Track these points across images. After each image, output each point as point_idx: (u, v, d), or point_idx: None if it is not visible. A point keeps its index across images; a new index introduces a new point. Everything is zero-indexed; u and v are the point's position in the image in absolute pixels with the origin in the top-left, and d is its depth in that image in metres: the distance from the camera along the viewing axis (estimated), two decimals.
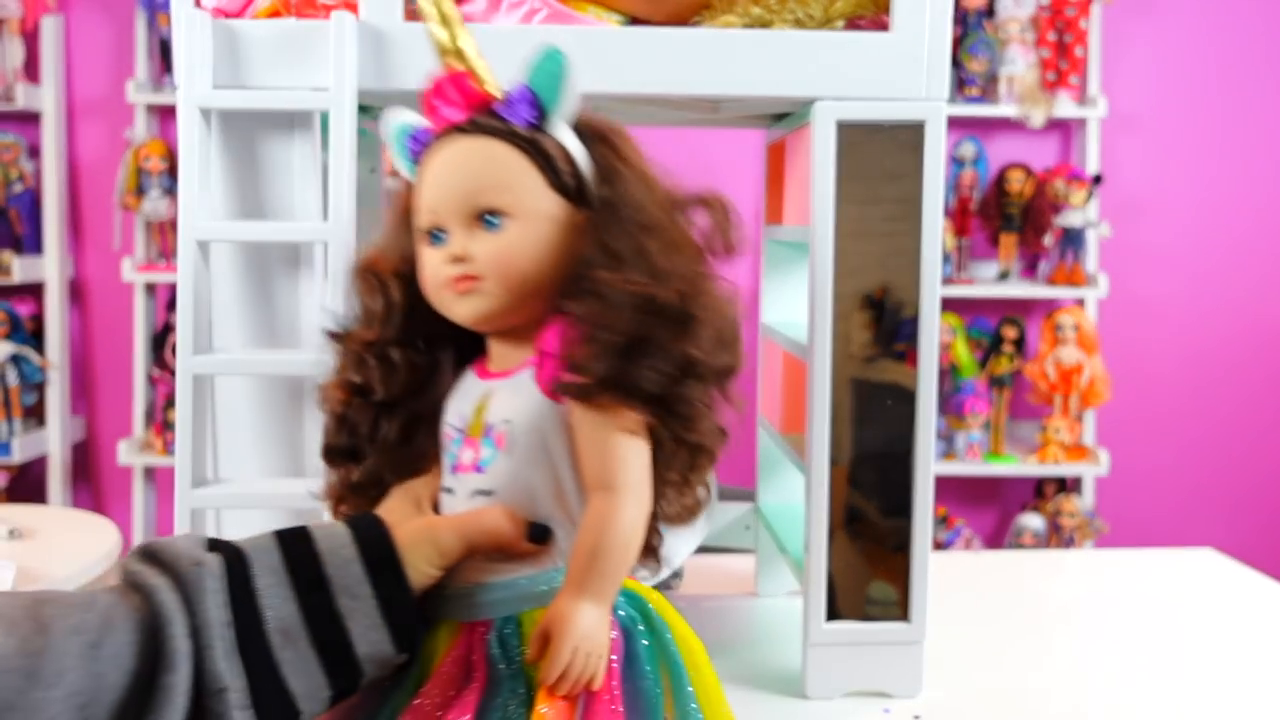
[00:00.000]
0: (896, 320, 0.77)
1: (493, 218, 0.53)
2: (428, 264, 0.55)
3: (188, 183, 0.70)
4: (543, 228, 0.54)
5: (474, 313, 0.54)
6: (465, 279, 0.53)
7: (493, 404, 0.54)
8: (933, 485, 0.78)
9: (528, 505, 0.53)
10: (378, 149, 0.99)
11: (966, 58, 2.35)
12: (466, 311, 0.54)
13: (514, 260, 0.53)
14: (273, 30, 0.71)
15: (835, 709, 0.79)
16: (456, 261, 0.53)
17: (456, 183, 0.54)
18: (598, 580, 0.50)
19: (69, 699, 0.40)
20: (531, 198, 0.54)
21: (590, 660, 0.49)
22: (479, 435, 0.54)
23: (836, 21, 0.77)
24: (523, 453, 0.53)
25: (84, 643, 0.40)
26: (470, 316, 0.54)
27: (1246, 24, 2.50)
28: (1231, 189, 2.53)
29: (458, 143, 0.55)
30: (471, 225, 0.53)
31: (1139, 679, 0.85)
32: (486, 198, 0.53)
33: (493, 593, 0.52)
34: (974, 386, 2.40)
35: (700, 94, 0.76)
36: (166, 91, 2.35)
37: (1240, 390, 2.56)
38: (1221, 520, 2.57)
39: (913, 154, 0.76)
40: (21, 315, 2.34)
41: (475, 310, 0.54)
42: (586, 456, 0.52)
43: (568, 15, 0.76)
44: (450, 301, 0.54)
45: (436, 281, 0.54)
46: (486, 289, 0.53)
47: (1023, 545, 2.35)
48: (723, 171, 2.70)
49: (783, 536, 0.94)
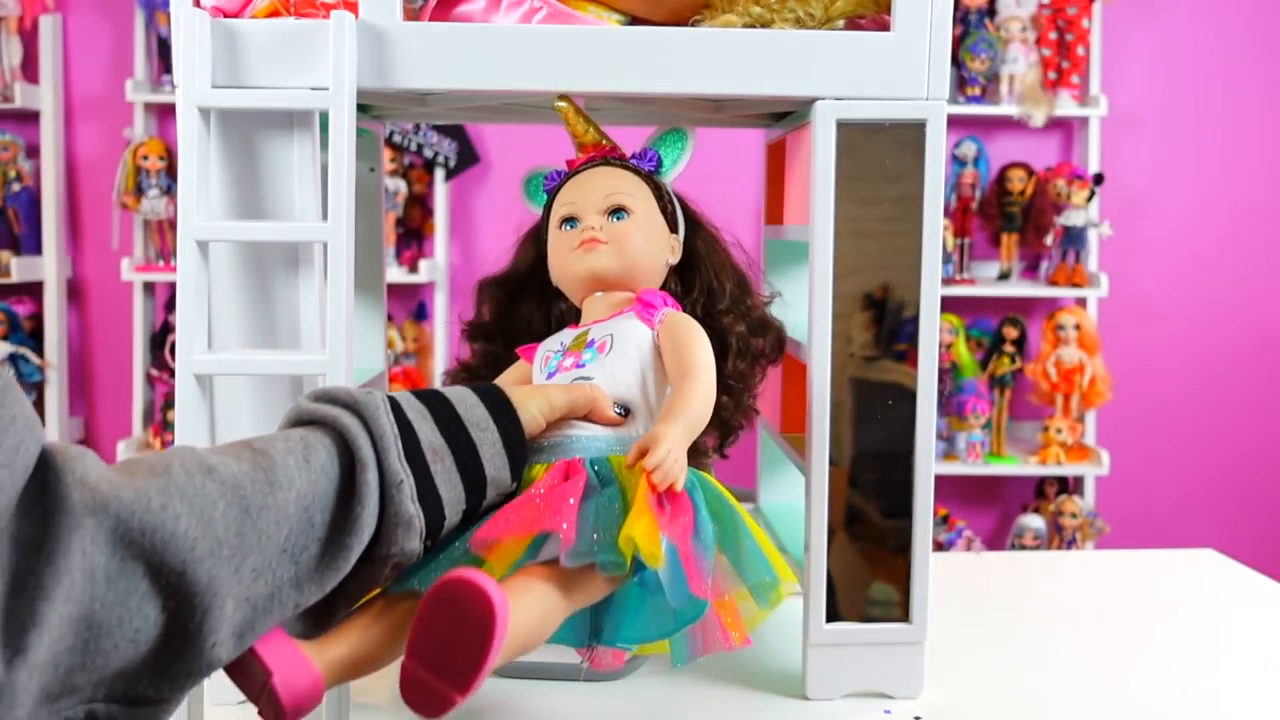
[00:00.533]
0: (897, 320, 0.77)
1: (619, 213, 0.75)
2: (561, 240, 0.76)
3: (187, 182, 0.69)
4: (648, 229, 0.76)
5: (592, 266, 0.74)
6: (592, 240, 0.74)
7: (593, 332, 0.72)
8: (933, 486, 0.78)
9: (616, 392, 0.69)
10: (377, 149, 0.99)
11: (967, 57, 2.35)
12: (588, 264, 0.74)
13: (629, 240, 0.74)
14: (272, 30, 0.71)
15: (836, 710, 0.79)
16: (589, 230, 0.74)
17: (596, 188, 0.76)
18: (684, 421, 0.63)
19: (298, 500, 0.49)
20: (645, 207, 0.76)
21: (676, 466, 0.60)
22: (580, 349, 0.72)
23: (837, 21, 0.76)
24: (618, 354, 0.70)
25: (298, 458, 0.50)
26: (589, 269, 0.74)
27: (1247, 24, 2.50)
28: (1232, 188, 2.53)
29: (598, 168, 0.77)
30: (603, 216, 0.75)
31: (1140, 679, 0.85)
32: (616, 199, 0.75)
33: (585, 440, 0.67)
34: (975, 386, 2.39)
35: (700, 94, 0.76)
36: (165, 91, 2.35)
37: (1241, 390, 2.56)
38: (1221, 520, 2.57)
39: (913, 154, 0.75)
40: (20, 315, 2.34)
41: (594, 265, 0.74)
42: (671, 358, 0.70)
43: (568, 15, 0.76)
44: (577, 259, 0.74)
45: (568, 247, 0.75)
46: (606, 251, 0.73)
47: (1024, 546, 2.35)
48: (723, 171, 2.73)
49: (783, 537, 0.94)
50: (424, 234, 2.48)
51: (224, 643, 0.46)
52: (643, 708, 0.79)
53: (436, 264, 2.41)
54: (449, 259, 2.46)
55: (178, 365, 0.69)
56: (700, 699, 0.81)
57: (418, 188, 2.46)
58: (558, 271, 0.77)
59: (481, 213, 2.48)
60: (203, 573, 0.44)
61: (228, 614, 0.45)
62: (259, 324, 0.74)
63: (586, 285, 0.75)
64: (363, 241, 0.93)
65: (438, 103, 0.84)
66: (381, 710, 0.78)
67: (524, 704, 0.80)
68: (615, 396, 0.69)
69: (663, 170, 0.79)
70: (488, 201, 2.48)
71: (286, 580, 0.49)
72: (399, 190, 2.39)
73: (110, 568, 0.41)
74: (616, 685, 0.83)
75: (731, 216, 0.89)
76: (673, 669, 0.72)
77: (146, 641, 0.43)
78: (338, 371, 0.69)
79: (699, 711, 0.79)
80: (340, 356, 0.69)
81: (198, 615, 0.44)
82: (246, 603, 0.47)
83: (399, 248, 2.44)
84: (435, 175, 2.43)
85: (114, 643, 0.41)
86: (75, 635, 0.40)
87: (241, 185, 0.73)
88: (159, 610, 0.43)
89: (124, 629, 0.41)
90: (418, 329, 2.47)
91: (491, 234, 2.46)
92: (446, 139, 2.39)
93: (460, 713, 0.78)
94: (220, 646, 0.45)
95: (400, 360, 2.41)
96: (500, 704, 0.80)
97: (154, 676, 0.44)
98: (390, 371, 2.32)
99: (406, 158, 2.43)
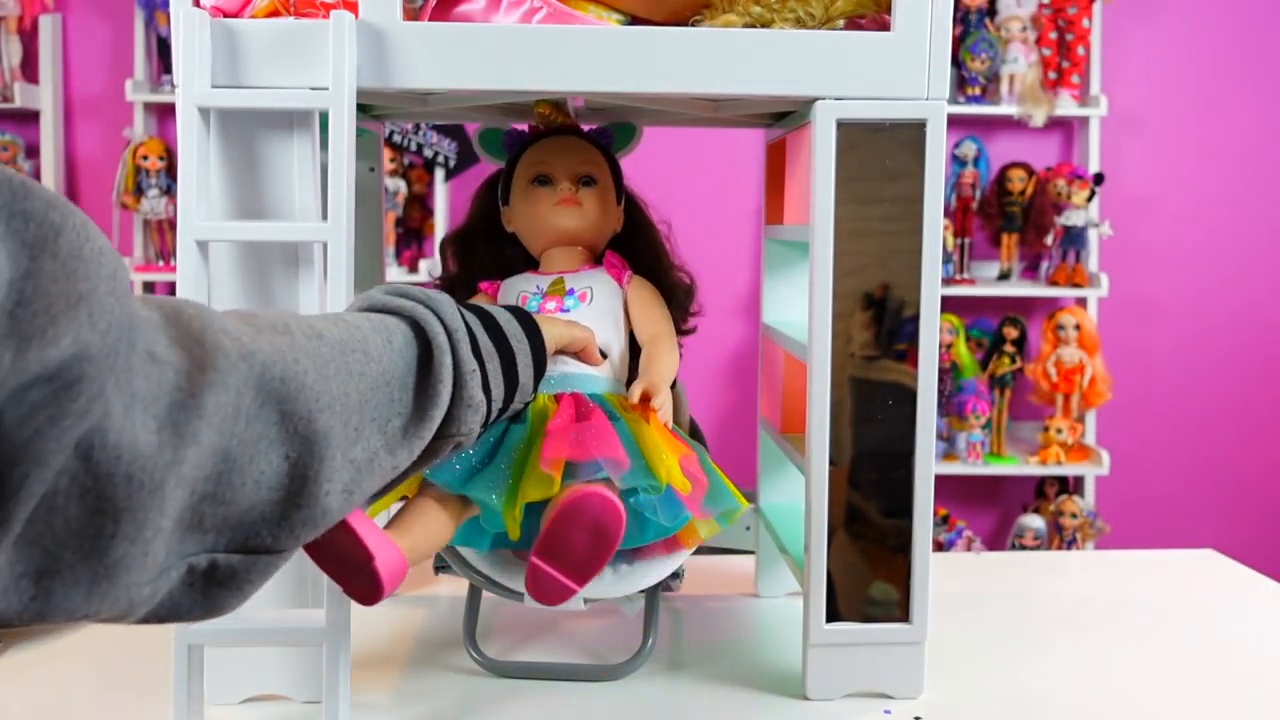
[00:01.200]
0: (897, 320, 0.77)
1: (589, 181, 0.86)
2: (537, 195, 0.85)
3: (187, 182, 0.69)
4: (607, 198, 0.87)
5: (574, 224, 0.84)
6: (571, 199, 0.84)
7: (569, 281, 0.83)
8: (933, 486, 0.78)
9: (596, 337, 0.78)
10: (377, 149, 0.99)
11: (968, 57, 2.35)
12: (569, 221, 0.84)
13: (597, 205, 0.86)
14: (271, 29, 0.71)
15: (836, 710, 0.79)
16: (567, 190, 0.84)
17: (570, 154, 0.86)
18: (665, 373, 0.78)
19: (382, 375, 0.53)
20: (606, 178, 0.87)
21: (668, 407, 0.77)
22: (561, 294, 0.82)
23: (837, 21, 0.76)
24: (597, 306, 0.81)
25: (382, 338, 0.54)
26: (568, 226, 0.84)
27: (1247, 24, 2.50)
28: (1233, 188, 2.53)
29: (568, 137, 0.87)
30: (574, 180, 0.85)
31: (1140, 679, 0.85)
32: (587, 168, 0.86)
33: (583, 378, 0.78)
34: (975, 386, 2.39)
35: (700, 94, 0.76)
36: (165, 90, 2.35)
37: (1241, 390, 2.56)
38: (1221, 520, 2.57)
39: (913, 153, 0.75)
40: None
41: (571, 223, 0.84)
42: (640, 318, 0.83)
43: (568, 14, 0.76)
44: (557, 215, 0.84)
45: (547, 203, 0.84)
46: (580, 212, 0.84)
47: (1024, 546, 2.35)
48: (723, 171, 2.71)
49: (783, 537, 0.94)
50: (424, 234, 2.48)
51: (335, 494, 0.49)
52: (643, 708, 0.79)
53: (436, 264, 2.41)
54: None
55: None
56: (700, 699, 0.81)
57: (418, 188, 2.46)
58: (531, 223, 0.85)
59: None
60: (322, 424, 0.47)
61: (338, 467, 0.48)
62: None
63: (560, 239, 0.85)
64: (363, 241, 0.93)
65: (438, 103, 0.84)
66: (382, 710, 0.78)
67: (525, 703, 0.80)
68: (601, 338, 0.80)
69: (615, 147, 0.90)
70: None
71: (379, 446, 0.52)
72: (399, 190, 2.39)
73: (250, 409, 0.44)
74: (616, 685, 0.83)
75: (731, 216, 0.88)
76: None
77: (269, 486, 0.45)
78: None
79: (699, 711, 0.79)
80: None
81: (315, 463, 0.47)
82: (350, 463, 0.50)
83: (399, 248, 2.44)
84: (435, 175, 2.43)
85: (243, 480, 0.43)
86: (213, 465, 0.42)
87: (241, 185, 0.73)
88: (282, 457, 0.45)
89: (252, 469, 0.44)
90: None
91: None
92: (446, 139, 2.39)
93: (463, 712, 0.78)
94: (332, 497, 0.48)
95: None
96: (501, 704, 0.80)
97: (273, 525, 0.46)
98: None
99: (406, 158, 2.43)
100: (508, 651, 0.88)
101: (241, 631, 0.70)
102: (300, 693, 0.77)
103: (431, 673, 0.85)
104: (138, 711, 0.78)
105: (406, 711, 0.79)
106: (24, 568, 0.36)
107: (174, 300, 0.45)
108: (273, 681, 0.78)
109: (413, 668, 0.86)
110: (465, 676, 0.84)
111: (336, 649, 0.70)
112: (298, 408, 0.46)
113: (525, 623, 0.95)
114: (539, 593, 0.67)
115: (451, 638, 0.91)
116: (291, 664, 0.77)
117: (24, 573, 0.36)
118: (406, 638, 0.92)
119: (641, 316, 0.83)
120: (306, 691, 0.77)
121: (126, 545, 0.38)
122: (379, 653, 0.89)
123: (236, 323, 0.46)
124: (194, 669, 0.69)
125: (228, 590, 0.46)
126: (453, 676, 0.84)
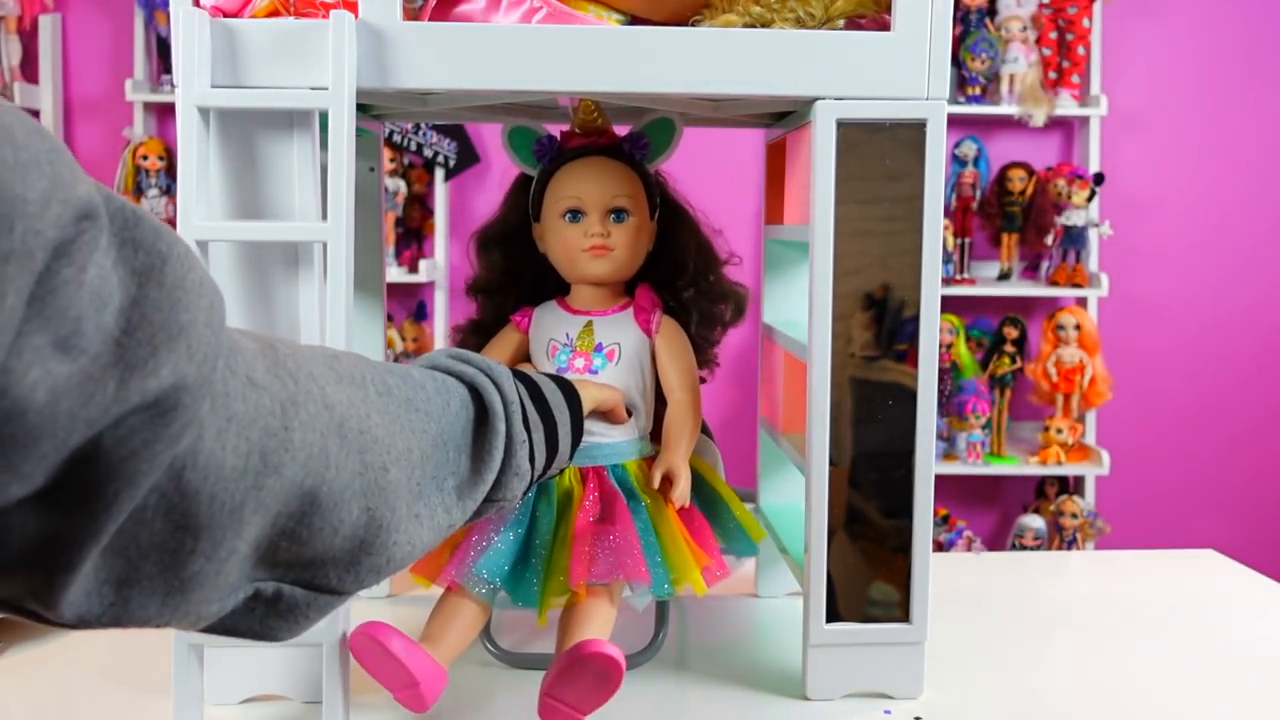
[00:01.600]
0: (897, 320, 0.77)
1: (621, 214, 0.82)
2: (568, 235, 0.82)
3: (186, 182, 0.69)
4: (641, 230, 0.84)
5: (604, 271, 0.83)
6: (601, 248, 0.82)
7: (597, 330, 0.83)
8: (933, 486, 0.78)
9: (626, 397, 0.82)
10: (377, 148, 0.99)
11: (968, 56, 2.35)
12: (599, 269, 0.83)
13: (629, 244, 0.83)
14: (271, 29, 0.71)
15: (836, 710, 0.79)
16: (598, 236, 0.81)
17: (602, 185, 0.82)
18: (686, 444, 0.83)
19: (439, 435, 0.55)
20: (640, 207, 0.84)
21: (688, 491, 0.80)
22: (590, 350, 0.83)
23: (837, 21, 0.76)
24: (625, 364, 0.82)
25: (442, 400, 0.56)
26: (601, 273, 0.83)
27: (1247, 24, 2.50)
28: (1233, 188, 2.52)
29: (598, 157, 0.83)
30: (605, 214, 0.82)
31: (1140, 680, 0.85)
32: (620, 200, 0.82)
33: (606, 447, 0.81)
34: (975, 387, 2.39)
35: (700, 94, 0.75)
36: (165, 90, 2.35)
37: (1242, 390, 2.56)
38: (1221, 520, 2.57)
39: (913, 153, 0.75)
40: None
41: (605, 269, 0.83)
42: (669, 371, 0.84)
43: (568, 14, 0.76)
44: (586, 261, 0.82)
45: (578, 247, 0.82)
46: (615, 257, 0.82)
47: (1024, 546, 2.35)
48: (723, 171, 2.72)
49: (783, 537, 0.94)
50: (424, 234, 2.48)
51: (401, 545, 0.50)
52: (643, 707, 0.79)
53: (436, 264, 2.41)
54: (449, 259, 2.46)
55: None
56: (700, 699, 0.81)
57: (417, 187, 2.46)
58: (563, 261, 0.84)
59: (481, 212, 2.48)
60: (394, 476, 0.49)
61: (404, 519, 0.50)
62: (259, 324, 0.74)
63: (589, 283, 0.84)
64: (362, 241, 0.93)
65: (438, 103, 0.84)
66: (381, 710, 0.78)
67: (526, 697, 0.80)
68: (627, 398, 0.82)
69: (649, 157, 0.86)
70: (488, 201, 2.47)
71: (438, 503, 0.54)
72: (399, 190, 2.39)
73: (337, 457, 0.45)
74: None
75: (731, 216, 0.89)
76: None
77: (345, 535, 0.46)
78: None
79: (699, 711, 0.79)
80: None
81: (389, 514, 0.49)
82: (415, 518, 0.52)
83: (399, 248, 2.44)
84: (435, 175, 2.43)
85: (323, 524, 0.45)
86: (298, 504, 0.43)
87: (241, 185, 0.73)
88: (363, 508, 0.47)
89: (333, 515, 0.45)
90: (417, 329, 2.47)
91: None
92: (446, 139, 2.39)
93: (471, 706, 0.78)
94: (399, 547, 0.50)
95: (400, 360, 2.41)
96: (507, 697, 0.80)
97: (341, 568, 0.48)
98: None
99: (406, 157, 2.43)
100: (520, 644, 0.88)
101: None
102: (300, 693, 0.77)
103: None
104: (137, 711, 0.78)
105: (406, 711, 0.78)
106: (107, 575, 0.37)
107: (268, 334, 0.47)
108: (272, 681, 0.78)
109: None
110: (475, 669, 0.84)
111: (336, 649, 0.70)
112: (374, 459, 0.48)
113: (532, 618, 0.95)
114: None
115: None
116: (291, 664, 0.77)
117: (107, 579, 0.37)
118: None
119: (668, 367, 0.84)
120: (306, 691, 0.77)
121: (203, 562, 0.39)
122: None
123: (323, 368, 0.48)
124: (193, 669, 0.69)
125: (285, 621, 0.47)
126: (460, 671, 0.84)
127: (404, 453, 0.50)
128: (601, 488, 0.81)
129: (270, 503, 0.41)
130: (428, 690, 0.70)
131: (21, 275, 0.30)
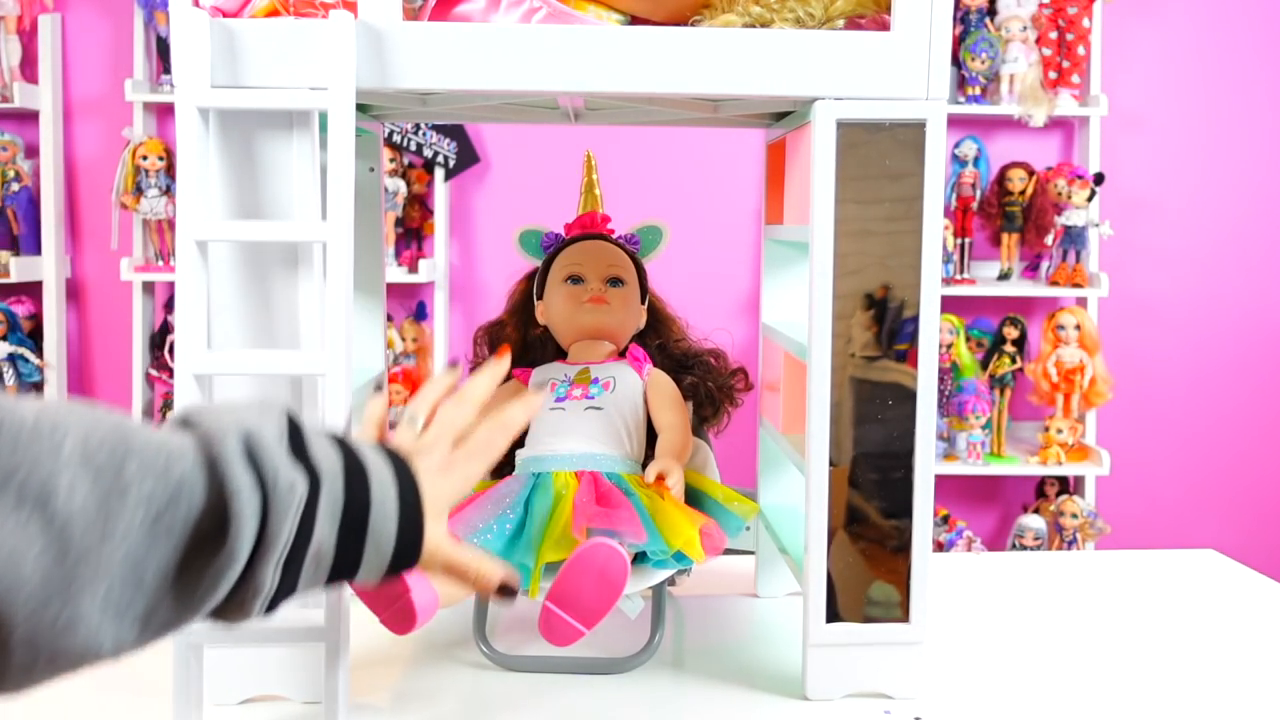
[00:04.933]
0: (897, 320, 0.77)
1: (617, 282, 0.96)
2: (569, 293, 0.95)
3: (186, 183, 0.69)
4: (633, 299, 0.97)
5: (601, 320, 0.94)
6: (600, 299, 0.94)
7: (594, 371, 0.92)
8: (933, 486, 0.78)
9: (617, 421, 0.89)
10: (377, 149, 0.99)
11: (968, 56, 2.35)
12: (597, 318, 0.94)
13: (624, 305, 0.96)
14: (271, 29, 0.71)
15: (836, 710, 0.79)
16: (597, 291, 0.94)
17: (600, 257, 0.96)
18: (678, 456, 0.88)
19: (126, 559, 0.43)
20: (633, 280, 0.97)
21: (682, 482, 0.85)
22: (586, 382, 0.91)
23: (837, 21, 0.76)
24: (620, 394, 0.91)
25: (149, 514, 0.43)
26: (597, 322, 0.94)
27: (1247, 24, 2.50)
28: (1233, 188, 2.52)
29: (599, 242, 0.98)
30: (604, 281, 0.95)
31: (1140, 679, 0.85)
32: (616, 270, 0.96)
33: (600, 458, 0.86)
34: (975, 387, 2.39)
35: (700, 94, 0.75)
36: (164, 90, 2.35)
37: (1241, 390, 2.56)
38: (1221, 520, 2.57)
39: (913, 153, 0.75)
40: (19, 315, 2.33)
41: (600, 319, 0.94)
42: (657, 407, 0.92)
43: (568, 14, 0.76)
44: (585, 313, 0.94)
45: (577, 300, 0.94)
46: (609, 310, 0.94)
47: (1024, 546, 2.35)
48: (723, 171, 2.70)
49: (783, 537, 0.94)
50: (424, 234, 2.48)
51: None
52: (643, 706, 0.79)
53: (436, 264, 2.41)
54: (448, 259, 2.45)
55: (177, 365, 0.69)
56: (700, 699, 0.81)
57: (417, 187, 2.45)
58: (563, 316, 0.95)
59: (481, 212, 2.48)
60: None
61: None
62: (258, 324, 0.74)
63: (588, 333, 0.95)
64: (362, 241, 0.93)
65: (438, 103, 0.84)
66: (381, 710, 0.78)
67: (527, 698, 0.80)
68: (616, 426, 0.88)
69: (641, 252, 1.00)
70: (487, 201, 2.47)
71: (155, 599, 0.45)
72: (399, 190, 2.39)
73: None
74: (618, 683, 0.83)
75: (731, 216, 0.89)
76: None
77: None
78: (336, 371, 0.69)
79: (698, 712, 0.79)
80: (339, 357, 0.69)
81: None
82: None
83: (399, 248, 2.44)
84: (435, 175, 2.42)
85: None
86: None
87: (241, 185, 0.73)
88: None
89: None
90: (417, 329, 2.46)
91: (491, 234, 2.46)
92: (446, 139, 2.39)
93: (468, 707, 0.78)
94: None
95: (400, 360, 2.40)
96: (504, 698, 0.80)
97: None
98: (390, 371, 2.32)
99: (406, 158, 2.42)
100: (515, 646, 0.88)
101: (240, 631, 0.69)
102: (300, 693, 0.77)
103: (432, 670, 0.85)
104: (136, 711, 0.78)
105: (406, 711, 0.78)
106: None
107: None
108: (272, 681, 0.78)
109: (413, 667, 0.86)
110: (471, 670, 0.84)
111: (335, 649, 0.70)
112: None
113: (530, 619, 0.95)
114: (551, 634, 0.73)
115: (452, 635, 0.91)
116: (291, 664, 0.77)
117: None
118: (406, 637, 0.92)
119: (658, 404, 0.92)
120: (306, 691, 0.77)
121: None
122: (379, 653, 0.89)
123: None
124: (193, 669, 0.69)
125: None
126: (456, 672, 0.84)
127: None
128: (597, 485, 0.83)
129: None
130: (417, 598, 0.69)
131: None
